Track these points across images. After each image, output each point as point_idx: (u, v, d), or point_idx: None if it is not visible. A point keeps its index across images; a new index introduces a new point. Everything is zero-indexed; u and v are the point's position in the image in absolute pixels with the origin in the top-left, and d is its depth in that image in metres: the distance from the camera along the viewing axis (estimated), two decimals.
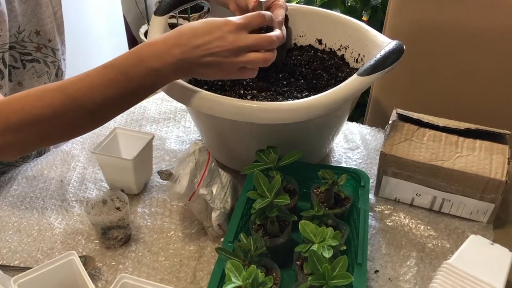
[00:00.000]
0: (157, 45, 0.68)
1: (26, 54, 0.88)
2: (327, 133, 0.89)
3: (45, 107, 0.66)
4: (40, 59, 0.91)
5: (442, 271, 0.69)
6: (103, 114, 0.71)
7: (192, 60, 0.68)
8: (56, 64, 0.94)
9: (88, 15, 2.22)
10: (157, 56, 0.67)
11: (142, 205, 0.88)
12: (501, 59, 1.12)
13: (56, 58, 0.93)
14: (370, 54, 0.85)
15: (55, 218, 0.85)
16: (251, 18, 0.69)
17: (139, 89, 0.69)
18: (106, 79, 0.67)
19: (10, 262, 0.77)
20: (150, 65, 0.67)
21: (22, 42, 0.87)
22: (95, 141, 1.01)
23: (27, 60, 0.89)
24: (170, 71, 0.68)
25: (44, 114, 0.67)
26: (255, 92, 0.86)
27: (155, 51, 0.67)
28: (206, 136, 0.94)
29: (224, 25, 0.68)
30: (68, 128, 0.70)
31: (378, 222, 0.84)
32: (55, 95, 0.67)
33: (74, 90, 0.67)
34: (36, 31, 0.88)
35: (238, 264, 0.61)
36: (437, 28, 1.14)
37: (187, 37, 0.67)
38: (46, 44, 0.91)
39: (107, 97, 0.67)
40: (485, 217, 0.83)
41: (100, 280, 0.74)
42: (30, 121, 0.67)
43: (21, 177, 0.93)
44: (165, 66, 0.67)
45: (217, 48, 0.67)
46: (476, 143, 0.85)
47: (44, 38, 0.90)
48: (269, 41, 0.70)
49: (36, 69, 0.90)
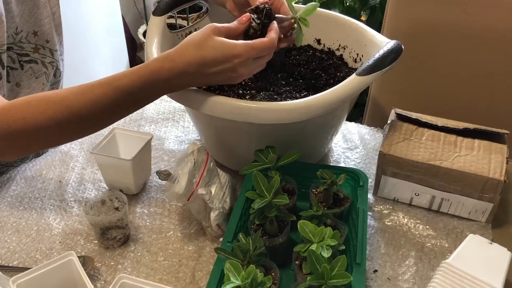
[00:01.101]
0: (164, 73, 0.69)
1: (23, 55, 0.88)
2: (326, 133, 0.89)
3: (47, 119, 0.68)
4: (38, 59, 0.90)
5: (440, 270, 0.69)
6: (106, 125, 0.74)
7: (201, 85, 0.77)
8: (54, 64, 0.93)
9: (87, 15, 2.21)
10: (168, 83, 0.70)
11: (141, 205, 0.88)
12: (500, 59, 1.12)
13: (54, 58, 0.93)
14: (368, 54, 0.85)
15: (54, 218, 0.85)
16: (262, 50, 0.71)
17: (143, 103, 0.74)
18: (111, 99, 0.69)
19: (9, 262, 0.77)
20: (161, 91, 0.72)
21: (20, 43, 0.87)
22: (94, 141, 1.01)
23: (25, 61, 0.89)
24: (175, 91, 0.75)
25: (46, 125, 0.68)
26: (253, 92, 0.86)
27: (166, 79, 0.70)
28: (205, 136, 0.94)
29: (234, 57, 0.69)
30: (68, 136, 0.74)
31: (377, 222, 0.84)
32: (59, 109, 0.68)
33: (79, 106, 0.68)
34: (34, 32, 0.88)
35: (237, 264, 0.61)
36: (436, 28, 1.15)
37: (197, 66, 0.69)
38: (44, 45, 0.91)
39: (112, 112, 0.71)
40: (484, 216, 0.83)
41: (99, 280, 0.74)
42: (31, 130, 0.68)
43: (20, 178, 0.93)
44: (175, 89, 0.73)
45: (226, 77, 0.72)
46: (475, 143, 0.85)
47: (42, 39, 0.90)
48: (267, 58, 0.74)
49: (34, 70, 0.90)
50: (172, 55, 0.70)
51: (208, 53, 0.69)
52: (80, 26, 2.14)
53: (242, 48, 0.69)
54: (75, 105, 0.68)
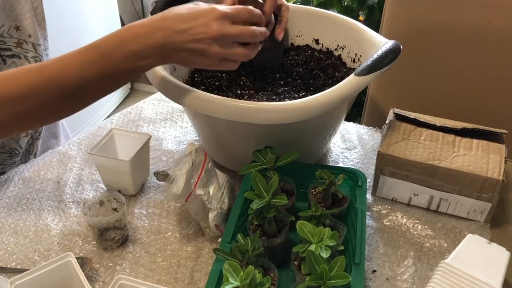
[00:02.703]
0: (138, 28, 0.67)
1: (6, 49, 0.88)
2: (324, 133, 0.89)
3: (19, 86, 0.64)
4: (20, 54, 0.90)
5: (439, 270, 0.69)
6: (80, 96, 0.68)
7: (174, 44, 0.67)
8: (37, 59, 0.93)
9: (85, 15, 2.21)
10: (138, 39, 0.66)
11: (139, 206, 0.87)
12: (497, 59, 1.12)
13: (37, 53, 0.92)
14: (367, 54, 0.85)
15: (52, 219, 0.84)
16: (238, 10, 0.69)
17: (119, 73, 0.67)
18: (84, 60, 0.66)
19: (7, 264, 0.76)
20: (130, 48, 0.66)
21: (2, 37, 0.86)
22: (92, 142, 1.01)
23: (7, 55, 0.88)
24: (151, 54, 0.67)
25: (18, 93, 0.65)
26: (252, 92, 0.86)
27: (136, 33, 0.66)
28: (203, 137, 0.94)
29: (209, 12, 0.67)
30: (43, 109, 0.68)
31: (376, 222, 0.84)
32: (31, 74, 0.65)
33: (51, 70, 0.65)
34: (16, 27, 0.87)
35: (236, 264, 0.61)
36: (434, 27, 1.15)
37: (170, 21, 0.66)
38: (26, 40, 0.90)
39: (85, 78, 0.66)
40: (482, 216, 0.83)
41: (98, 282, 0.74)
42: (4, 100, 0.64)
43: (18, 179, 0.93)
44: (146, 49, 0.66)
45: (201, 35, 0.66)
46: (473, 143, 0.85)
47: (24, 34, 0.89)
48: (252, 34, 0.70)
49: (17, 64, 0.90)
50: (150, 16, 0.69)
51: (183, 8, 0.67)
52: (78, 26, 2.14)
53: (217, 5, 0.68)
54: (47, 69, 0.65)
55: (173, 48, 0.67)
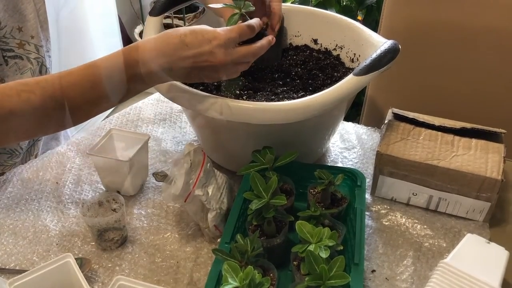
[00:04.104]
0: (143, 52, 0.68)
1: (8, 50, 0.88)
2: (323, 133, 0.89)
3: (22, 102, 0.65)
4: (23, 55, 0.90)
5: (438, 270, 0.69)
6: (82, 113, 0.70)
7: (177, 70, 0.69)
8: (39, 60, 0.93)
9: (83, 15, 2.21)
10: (142, 63, 0.67)
11: (138, 206, 0.87)
12: (496, 58, 1.12)
13: (39, 54, 0.92)
14: (365, 54, 0.85)
15: (51, 220, 0.84)
16: (241, 31, 0.70)
17: (121, 92, 0.69)
18: (87, 80, 0.67)
19: (6, 265, 0.76)
20: (134, 71, 0.67)
21: (4, 38, 0.86)
22: (91, 142, 1.01)
23: (9, 56, 0.88)
24: (154, 78, 0.69)
25: (21, 109, 0.65)
26: (251, 92, 0.86)
27: (141, 57, 0.67)
28: (202, 137, 0.94)
29: (213, 38, 0.68)
30: (44, 125, 0.70)
31: (375, 222, 0.84)
32: (34, 91, 0.65)
33: (54, 88, 0.66)
34: (19, 27, 0.87)
35: (235, 265, 0.61)
36: (433, 27, 1.15)
37: (174, 48, 0.67)
38: (28, 41, 0.90)
39: (87, 97, 0.67)
40: (481, 216, 0.83)
41: (97, 282, 0.74)
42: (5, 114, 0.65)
43: (16, 179, 0.93)
44: (149, 73, 0.68)
45: (205, 63, 0.68)
46: (472, 142, 0.85)
47: (27, 35, 0.89)
48: (255, 53, 0.72)
49: (19, 65, 0.90)
50: (156, 37, 0.69)
51: (187, 33, 0.68)
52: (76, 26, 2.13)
53: (221, 30, 0.69)
54: (50, 85, 0.66)
55: (176, 74, 0.70)
